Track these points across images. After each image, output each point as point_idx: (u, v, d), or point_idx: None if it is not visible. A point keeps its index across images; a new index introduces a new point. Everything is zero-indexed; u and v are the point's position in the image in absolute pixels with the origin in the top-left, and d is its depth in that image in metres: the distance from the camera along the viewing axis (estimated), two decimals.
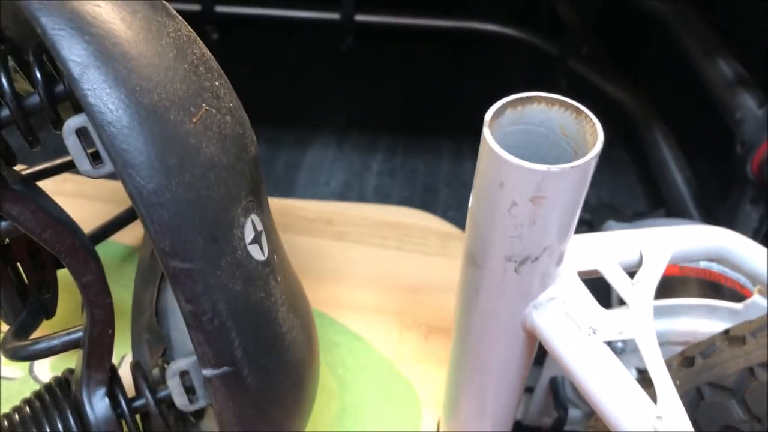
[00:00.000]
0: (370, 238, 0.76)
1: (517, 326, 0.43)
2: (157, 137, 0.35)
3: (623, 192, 1.22)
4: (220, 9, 1.34)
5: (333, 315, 0.68)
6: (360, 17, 1.33)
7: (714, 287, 0.70)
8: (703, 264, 0.71)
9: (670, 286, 0.70)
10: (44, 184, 0.45)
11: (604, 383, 0.40)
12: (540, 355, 0.60)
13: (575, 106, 0.36)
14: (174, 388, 0.43)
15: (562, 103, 0.36)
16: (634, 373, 0.60)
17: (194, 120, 0.36)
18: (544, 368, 0.67)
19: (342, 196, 1.13)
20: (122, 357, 0.61)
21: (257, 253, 0.40)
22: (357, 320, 0.68)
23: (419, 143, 1.30)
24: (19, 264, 0.52)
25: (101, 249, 0.68)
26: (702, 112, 1.02)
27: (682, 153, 1.11)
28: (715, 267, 0.71)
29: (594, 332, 0.41)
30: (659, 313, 0.61)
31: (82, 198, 0.71)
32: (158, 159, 0.34)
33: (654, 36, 1.24)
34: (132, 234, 0.72)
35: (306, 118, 1.29)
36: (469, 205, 0.40)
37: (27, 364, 0.62)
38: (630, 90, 1.21)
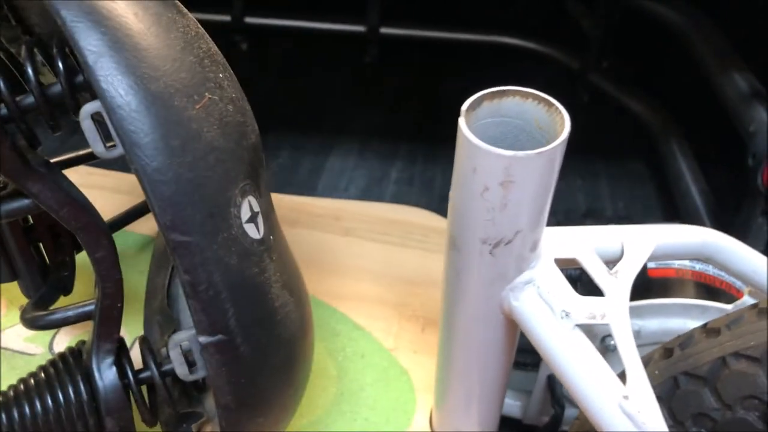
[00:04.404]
0: (375, 234, 0.79)
1: (495, 309, 0.45)
2: (162, 120, 0.38)
3: (639, 204, 1.23)
4: (250, 20, 1.38)
5: (336, 305, 0.71)
6: (385, 30, 1.37)
7: (709, 290, 0.72)
8: (699, 267, 0.73)
9: (665, 287, 0.72)
10: (72, 177, 0.49)
11: (573, 363, 0.43)
12: (537, 356, 0.62)
13: (546, 99, 0.39)
14: (175, 358, 0.46)
15: (535, 97, 0.39)
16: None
17: (197, 107, 0.40)
18: (541, 367, 0.69)
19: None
20: (135, 338, 0.65)
21: (253, 232, 0.43)
22: (358, 311, 0.71)
23: (438, 152, 1.32)
24: (41, 245, 0.56)
25: (120, 238, 0.73)
26: (719, 125, 1.03)
27: (699, 165, 1.11)
28: (710, 270, 0.73)
29: (567, 315, 0.43)
30: (652, 311, 0.63)
31: (105, 190, 0.76)
32: (162, 140, 0.38)
33: (673, 49, 1.25)
34: (149, 225, 0.76)
35: (329, 126, 1.32)
36: (450, 192, 0.43)
37: (47, 340, 0.66)
38: (649, 103, 1.22)
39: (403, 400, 0.64)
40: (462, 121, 0.37)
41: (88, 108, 0.40)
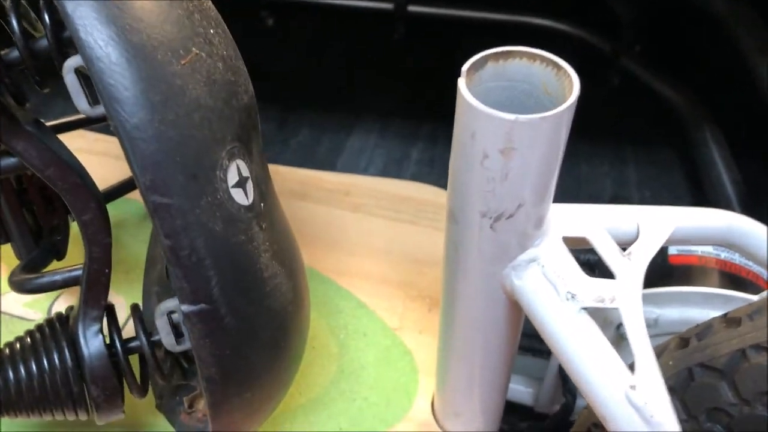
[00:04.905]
0: (385, 211, 0.76)
1: (496, 287, 0.43)
2: (144, 74, 0.36)
3: (667, 192, 1.18)
4: None
5: (340, 282, 0.69)
6: (413, 8, 1.34)
7: (734, 279, 0.68)
8: (724, 255, 0.69)
9: (687, 275, 0.68)
10: (76, 142, 0.48)
11: (578, 348, 0.40)
12: None
13: (555, 62, 0.36)
14: (162, 327, 0.44)
15: (543, 59, 0.36)
16: None
17: (182, 62, 0.38)
18: (553, 355, 0.66)
19: None
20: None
21: (240, 197, 0.41)
22: (363, 288, 0.68)
23: None
24: (34, 208, 0.55)
25: (123, 206, 0.72)
26: (753, 113, 0.98)
27: (732, 154, 1.07)
28: (737, 258, 0.69)
29: (572, 297, 0.40)
30: (672, 300, 0.59)
31: (110, 157, 0.74)
32: (143, 95, 0.36)
33: (707, 34, 1.20)
34: None
35: (351, 105, 1.30)
36: (450, 161, 0.40)
37: (46, 306, 0.65)
38: (681, 89, 1.18)
39: (404, 381, 0.62)
40: (462, 83, 0.35)
41: (71, 62, 0.39)
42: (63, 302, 0.66)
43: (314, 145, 1.23)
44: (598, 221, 0.45)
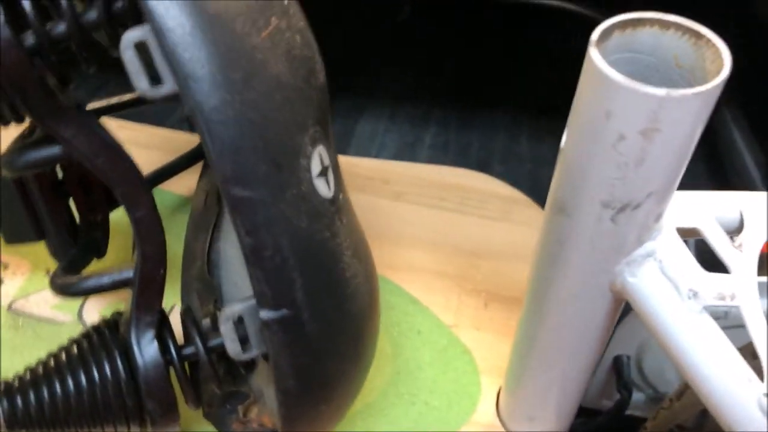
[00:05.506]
0: (428, 200, 0.72)
1: (604, 286, 0.38)
2: (222, 48, 0.31)
3: (685, 175, 1.16)
4: None
5: (389, 276, 0.64)
6: None
7: None
8: None
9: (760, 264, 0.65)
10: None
11: (703, 353, 0.36)
12: None
13: (695, 30, 0.31)
14: (227, 334, 0.40)
15: (678, 27, 0.32)
16: None
17: (263, 34, 0.33)
18: (608, 345, 0.62)
19: None
20: (171, 307, 0.59)
21: (324, 189, 0.36)
22: (414, 283, 0.64)
23: (474, 117, 1.25)
24: (72, 201, 0.50)
25: (155, 197, 0.66)
26: None
27: (753, 135, 1.04)
28: None
29: (695, 295, 0.36)
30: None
31: (136, 146, 0.67)
32: (222, 72, 0.31)
33: (727, 9, 1.17)
34: (185, 183, 0.69)
35: (359, 88, 1.25)
36: (562, 145, 0.35)
37: (75, 308, 0.60)
38: None
39: (465, 382, 0.58)
40: (594, 52, 0.30)
41: (132, 35, 0.33)
42: (93, 303, 0.61)
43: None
44: (707, 210, 0.41)
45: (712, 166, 1.16)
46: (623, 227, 0.35)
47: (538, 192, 0.90)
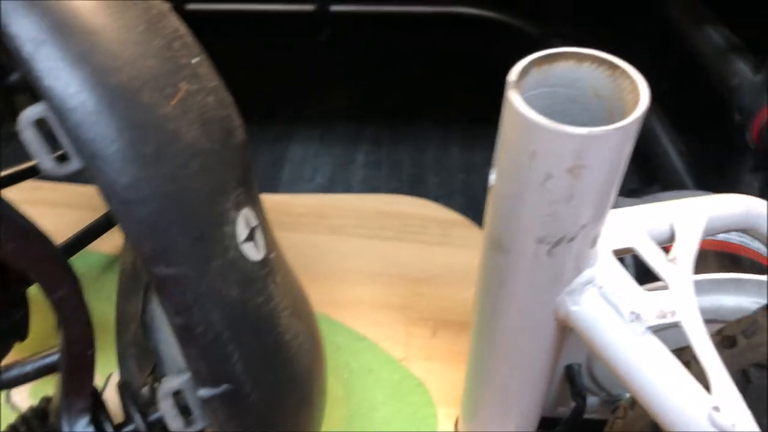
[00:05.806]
0: (367, 230, 0.71)
1: (548, 316, 0.38)
2: (130, 123, 0.29)
3: None
4: (191, 6, 1.28)
5: (333, 315, 0.63)
6: (335, 7, 1.29)
7: (732, 259, 0.66)
8: (720, 235, 0.68)
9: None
10: (11, 193, 0.40)
11: (650, 373, 0.36)
12: None
13: (610, 61, 0.31)
14: (167, 411, 0.37)
15: (594, 59, 0.32)
16: None
17: (172, 102, 0.31)
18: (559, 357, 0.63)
19: (328, 190, 1.09)
20: (108, 376, 0.56)
21: (252, 252, 0.35)
22: (360, 319, 0.63)
23: (404, 132, 1.26)
24: None
25: (78, 260, 0.63)
26: (689, 84, 0.99)
27: (672, 126, 1.08)
28: (733, 238, 0.68)
29: (637, 318, 0.36)
30: (704, 288, 0.57)
31: (55, 206, 0.66)
32: (132, 148, 0.29)
33: (639, 9, 1.21)
34: (111, 242, 0.66)
35: (286, 114, 1.24)
36: (490, 182, 0.35)
37: (3, 392, 0.57)
38: None
39: (422, 415, 0.57)
40: (513, 95, 0.30)
41: (30, 113, 0.31)
42: None
43: (253, 159, 1.15)
44: (638, 226, 0.41)
45: (636, 159, 1.19)
46: (560, 259, 0.35)
47: (473, 203, 0.90)
